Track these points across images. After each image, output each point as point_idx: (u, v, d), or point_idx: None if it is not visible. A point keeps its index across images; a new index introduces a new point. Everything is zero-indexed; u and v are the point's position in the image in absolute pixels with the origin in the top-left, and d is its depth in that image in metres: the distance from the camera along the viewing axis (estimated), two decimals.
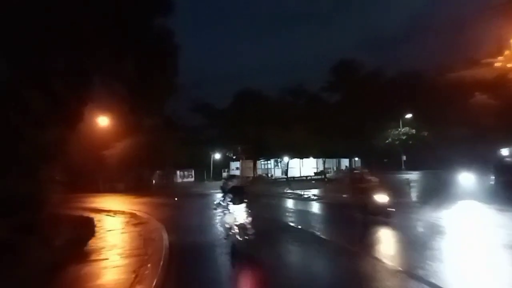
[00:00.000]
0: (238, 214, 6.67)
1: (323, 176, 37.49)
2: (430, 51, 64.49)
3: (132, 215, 14.99)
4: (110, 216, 15.55)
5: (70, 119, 13.27)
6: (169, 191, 31.21)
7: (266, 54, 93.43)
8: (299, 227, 11.24)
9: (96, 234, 11.03)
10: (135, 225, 12.06)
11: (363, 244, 8.01)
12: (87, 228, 12.01)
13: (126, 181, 38.23)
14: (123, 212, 16.32)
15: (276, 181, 35.05)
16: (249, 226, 6.72)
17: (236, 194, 6.98)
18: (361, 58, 50.76)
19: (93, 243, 9.44)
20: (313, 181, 32.92)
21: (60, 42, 12.82)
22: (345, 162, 51.64)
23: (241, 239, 6.65)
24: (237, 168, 42.90)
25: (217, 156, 41.37)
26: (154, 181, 38.34)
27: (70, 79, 13.39)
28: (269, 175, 38.09)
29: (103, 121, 34.93)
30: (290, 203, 18.46)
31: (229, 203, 7.18)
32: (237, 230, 6.67)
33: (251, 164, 34.97)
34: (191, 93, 47.73)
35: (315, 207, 16.46)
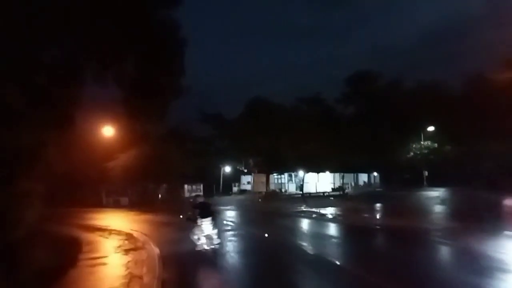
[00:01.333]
0: (206, 227, 7.59)
1: (341, 192, 35.03)
2: (449, 62, 62.25)
3: (129, 237, 13.08)
4: (103, 237, 13.62)
5: (56, 120, 11.45)
6: (175, 207, 29.18)
7: (276, 66, 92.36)
8: (317, 255, 9.02)
9: (79, 262, 9.01)
10: (127, 251, 10.06)
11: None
12: (70, 254, 10.01)
13: (130, 195, 36.41)
14: (119, 232, 14.43)
15: (290, 197, 32.76)
16: (215, 236, 7.81)
17: (203, 209, 7.92)
18: (377, 70, 49.26)
19: (69, 278, 7.42)
20: (331, 198, 30.56)
21: (48, 30, 11.09)
22: (363, 178, 49.10)
23: (207, 248, 7.77)
24: (248, 183, 40.77)
25: (227, 169, 39.38)
26: (160, 195, 36.41)
27: (58, 74, 11.64)
28: (283, 190, 35.81)
29: (105, 130, 33.55)
30: (306, 224, 16.36)
31: (197, 216, 8.04)
32: (204, 240, 7.72)
33: (264, 178, 32.85)
34: (199, 102, 46.29)
35: (336, 230, 14.19)
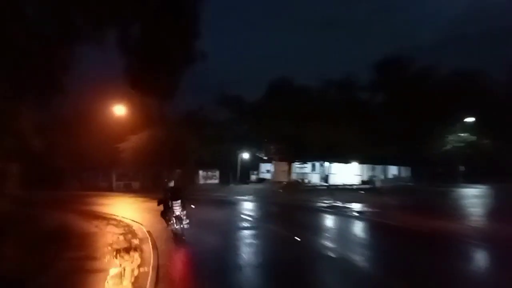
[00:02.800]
0: (176, 209, 8.35)
1: (371, 186, 32.31)
2: (485, 51, 57.39)
3: (127, 230, 11.17)
4: (98, 228, 11.74)
5: (35, 85, 9.41)
6: (187, 194, 27.30)
7: (299, 55, 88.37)
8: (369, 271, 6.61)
9: (52, 266, 7.01)
10: (118, 251, 8.00)
11: None
12: (48, 251, 8.08)
13: (142, 179, 34.85)
14: (118, 223, 12.64)
15: (314, 189, 30.28)
16: (184, 217, 8.65)
17: (174, 192, 8.59)
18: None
19: None
20: (362, 191, 27.92)
21: None
22: (392, 170, 45.99)
23: (177, 227, 8.66)
24: (267, 171, 38.47)
25: (246, 156, 37.15)
26: (173, 182, 34.66)
27: (44, 33, 9.54)
28: (306, 181, 33.40)
29: (116, 109, 31.88)
30: (339, 223, 13.88)
31: (168, 199, 8.61)
32: (175, 220, 8.55)
33: (286, 167, 30.49)
34: (217, 86, 43.91)
35: (379, 235, 11.67)
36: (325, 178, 34.19)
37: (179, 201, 8.84)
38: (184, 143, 33.19)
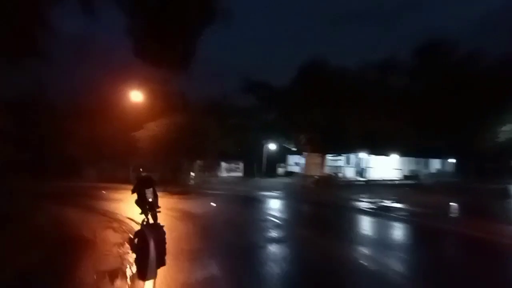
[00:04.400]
0: (148, 196, 7.22)
1: (416, 181, 28.92)
2: None
3: (125, 239, 8.75)
4: (91, 232, 9.46)
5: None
6: (209, 189, 25.04)
7: (324, 49, 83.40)
8: None
9: None
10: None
11: None
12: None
13: (161, 171, 32.92)
14: (118, 227, 10.29)
15: (350, 184, 27.25)
16: (154, 203, 7.67)
17: (146, 181, 7.35)
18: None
19: None
20: (406, 188, 24.68)
21: None
22: (435, 164, 41.99)
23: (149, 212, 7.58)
24: (296, 164, 35.61)
25: (272, 147, 34.46)
26: (193, 174, 32.56)
27: None
28: (340, 175, 30.39)
29: (133, 95, 29.96)
30: (394, 232, 10.93)
31: (141, 187, 7.47)
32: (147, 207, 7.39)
33: (319, 159, 27.55)
34: (243, 74, 41.15)
35: (462, 252, 8.71)
36: (361, 172, 31.05)
37: (151, 189, 8.42)
38: (206, 131, 30.90)
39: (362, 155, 31.12)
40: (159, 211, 9.01)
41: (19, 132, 33.89)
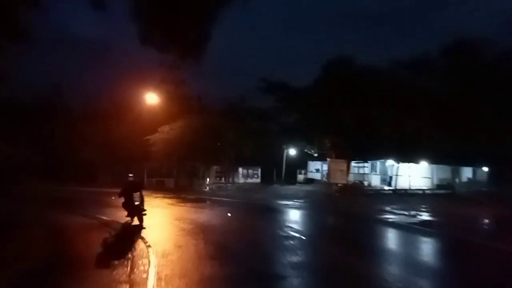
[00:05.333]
0: (135, 199, 9.66)
1: (450, 191, 26.67)
2: None
3: (118, 264, 7.35)
4: (84, 260, 8.07)
5: None
6: (225, 196, 23.60)
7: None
8: None
9: None
10: None
11: None
12: None
13: (176, 176, 31.76)
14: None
15: (378, 194, 25.28)
16: (141, 206, 9.91)
17: (133, 186, 9.96)
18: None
19: None
20: (441, 198, 22.59)
21: None
22: (466, 172, 39.29)
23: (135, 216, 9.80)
24: (317, 170, 33.78)
25: (292, 152, 32.81)
26: (209, 180, 31.28)
27: None
28: (365, 183, 28.41)
29: (148, 97, 29.01)
30: (426, 249, 9.09)
31: (128, 191, 9.76)
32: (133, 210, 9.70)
33: (344, 166, 25.63)
34: (261, 74, 39.77)
35: None
36: (389, 181, 28.98)
37: (138, 193, 10.04)
38: (222, 135, 29.60)
39: (390, 162, 29.05)
40: (145, 214, 10.18)
41: (34, 135, 33.57)
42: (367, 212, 16.27)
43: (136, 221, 9.97)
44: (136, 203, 9.90)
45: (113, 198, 20.93)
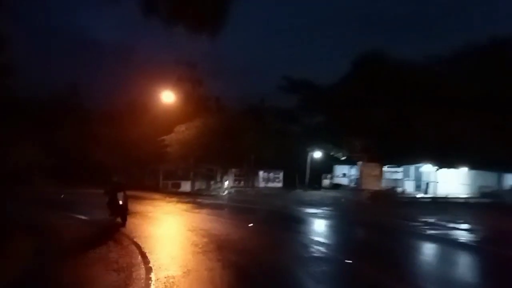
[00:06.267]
0: (119, 199, 10.22)
1: (496, 200, 23.95)
2: None
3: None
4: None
5: None
6: (244, 202, 21.81)
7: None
8: None
9: None
10: None
11: None
12: None
13: (193, 179, 30.18)
14: (117, 257, 7.08)
15: (415, 202, 22.85)
16: (124, 206, 10.48)
17: (118, 185, 10.46)
18: None
19: None
20: (488, 208, 20.01)
21: None
22: (509, 179, 36.03)
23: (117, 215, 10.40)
24: (344, 175, 31.48)
25: (317, 155, 30.68)
26: (227, 183, 29.53)
27: None
28: (399, 189, 25.96)
29: (165, 96, 27.68)
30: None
31: (113, 191, 10.31)
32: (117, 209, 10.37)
33: (377, 171, 23.25)
34: (280, 69, 37.79)
35: None
36: (425, 187, 26.44)
37: (122, 193, 10.55)
38: (242, 136, 27.83)
39: (426, 167, 26.51)
40: (128, 214, 10.80)
41: (48, 135, 32.79)
42: (409, 224, 14.03)
43: (119, 220, 10.61)
44: (120, 202, 10.53)
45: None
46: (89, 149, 31.93)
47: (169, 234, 10.90)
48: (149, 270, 6.49)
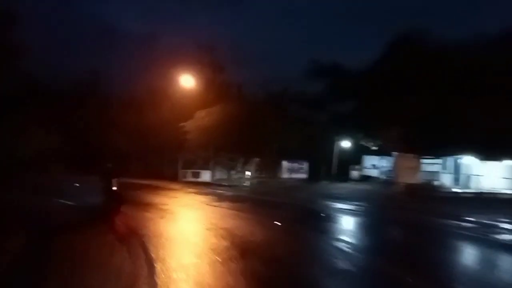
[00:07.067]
0: (113, 185, 10.46)
1: None
2: None
3: None
4: None
5: None
6: (267, 194, 20.36)
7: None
8: None
9: None
10: None
11: None
12: None
13: (213, 168, 28.91)
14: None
15: (458, 197, 20.70)
16: (118, 192, 10.67)
17: (113, 171, 10.74)
18: None
19: None
20: None
21: None
22: None
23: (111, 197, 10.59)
24: (374, 166, 29.36)
25: (346, 144, 28.75)
26: (249, 173, 28.14)
27: None
28: (436, 183, 23.77)
29: (184, 80, 26.35)
30: None
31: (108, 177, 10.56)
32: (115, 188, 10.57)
33: (415, 162, 21.16)
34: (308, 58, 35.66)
35: None
36: (466, 181, 24.14)
37: (116, 179, 10.78)
38: (264, 123, 26.22)
39: (467, 159, 24.16)
40: (123, 199, 11.11)
41: (68, 123, 32.24)
42: (460, 225, 12.11)
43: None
44: (114, 188, 10.91)
45: (138, 192, 18.37)
46: (107, 136, 31.18)
47: (184, 233, 9.52)
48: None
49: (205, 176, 28.58)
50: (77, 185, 20.24)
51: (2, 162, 24.17)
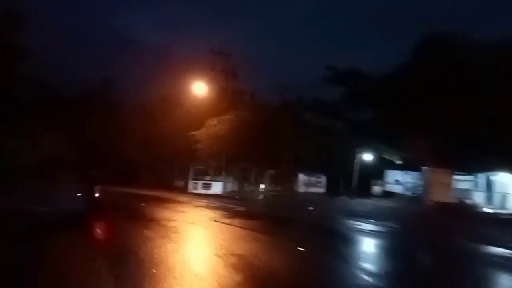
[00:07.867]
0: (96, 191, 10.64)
1: None
2: None
3: None
4: None
5: None
6: (283, 211, 18.69)
7: None
8: None
9: None
10: None
11: None
12: None
13: (225, 179, 27.45)
14: None
15: (499, 220, 18.52)
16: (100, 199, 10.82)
17: (95, 180, 10.99)
18: None
19: None
20: None
21: None
22: None
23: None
24: (397, 182, 27.33)
25: (367, 157, 26.93)
26: (263, 186, 26.53)
27: None
28: (468, 201, 21.68)
29: (196, 87, 25.14)
30: None
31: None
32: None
33: (448, 179, 19.16)
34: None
35: None
36: (501, 201, 22.02)
37: (99, 186, 11.08)
38: (279, 133, 24.67)
39: (502, 175, 22.05)
40: (104, 206, 11.63)
41: (78, 130, 31.38)
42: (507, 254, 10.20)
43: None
44: (97, 194, 11.10)
45: (143, 204, 16.95)
46: (117, 145, 30.18)
47: (188, 262, 7.89)
48: None
49: (216, 188, 27.11)
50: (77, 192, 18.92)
51: (7, 167, 23.27)
